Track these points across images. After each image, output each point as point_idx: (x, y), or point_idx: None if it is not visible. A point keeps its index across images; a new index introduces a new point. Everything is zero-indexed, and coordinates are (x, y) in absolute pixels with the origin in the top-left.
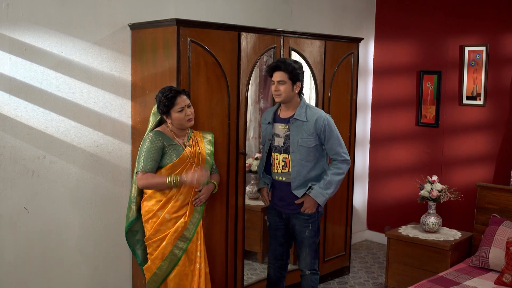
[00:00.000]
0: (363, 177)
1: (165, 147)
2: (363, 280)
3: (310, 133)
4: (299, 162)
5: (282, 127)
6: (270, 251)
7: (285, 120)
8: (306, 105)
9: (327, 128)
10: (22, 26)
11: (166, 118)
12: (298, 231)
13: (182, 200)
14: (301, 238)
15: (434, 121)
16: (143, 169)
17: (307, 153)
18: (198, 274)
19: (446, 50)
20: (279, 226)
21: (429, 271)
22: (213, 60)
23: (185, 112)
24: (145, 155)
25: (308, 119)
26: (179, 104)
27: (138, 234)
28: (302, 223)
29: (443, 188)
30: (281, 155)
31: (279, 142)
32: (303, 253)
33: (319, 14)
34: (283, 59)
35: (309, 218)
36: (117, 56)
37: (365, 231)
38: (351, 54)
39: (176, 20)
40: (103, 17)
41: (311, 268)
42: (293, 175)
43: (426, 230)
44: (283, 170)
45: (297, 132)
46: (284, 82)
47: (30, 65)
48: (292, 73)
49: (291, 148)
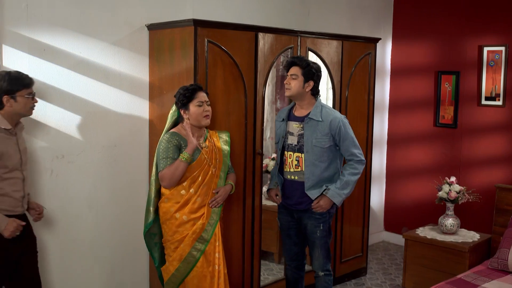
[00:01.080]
0: (380, 177)
1: (182, 147)
2: (380, 282)
3: (324, 134)
4: (313, 162)
5: (296, 126)
6: (285, 251)
7: (300, 119)
8: (322, 106)
9: (342, 130)
10: (41, 26)
11: (184, 112)
12: (309, 231)
13: (200, 202)
14: (312, 239)
15: (452, 122)
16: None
17: (321, 154)
18: (216, 275)
19: (464, 50)
20: (291, 225)
21: (447, 273)
22: (230, 61)
23: (204, 108)
24: (165, 155)
25: (323, 119)
26: (199, 98)
27: (156, 236)
28: (313, 223)
29: (461, 189)
30: (294, 154)
31: (292, 141)
32: (316, 254)
33: (336, 14)
34: (302, 56)
35: (321, 218)
36: (135, 56)
37: (382, 232)
38: (369, 54)
39: (194, 21)
40: (121, 18)
41: (324, 269)
42: (307, 175)
43: (444, 231)
44: (295, 169)
45: (312, 132)
46: (297, 77)
47: (49, 65)
48: (305, 70)
49: (305, 147)
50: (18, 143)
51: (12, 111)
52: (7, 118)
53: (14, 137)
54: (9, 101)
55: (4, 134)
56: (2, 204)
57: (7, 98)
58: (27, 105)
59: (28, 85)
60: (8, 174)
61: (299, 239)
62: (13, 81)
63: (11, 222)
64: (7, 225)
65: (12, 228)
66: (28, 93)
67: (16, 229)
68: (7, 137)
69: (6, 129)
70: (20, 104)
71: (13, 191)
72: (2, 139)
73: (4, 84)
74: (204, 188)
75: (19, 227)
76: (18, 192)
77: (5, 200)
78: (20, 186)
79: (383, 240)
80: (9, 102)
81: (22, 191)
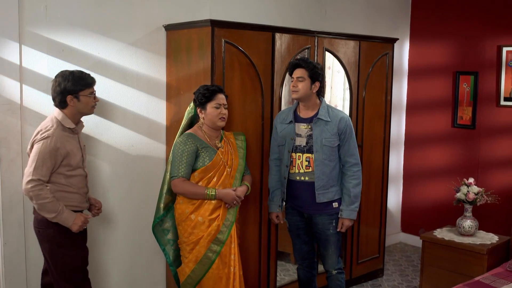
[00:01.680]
0: (398, 179)
1: (198, 149)
2: (397, 283)
3: (333, 133)
4: (323, 161)
5: (304, 127)
6: (296, 251)
7: (307, 120)
8: (327, 106)
9: (348, 130)
10: (60, 27)
11: (200, 112)
12: (321, 229)
13: (215, 203)
14: (325, 236)
15: (470, 123)
16: (180, 175)
17: (330, 153)
18: (232, 277)
19: (483, 50)
20: (300, 225)
21: (465, 275)
22: (247, 61)
23: (221, 110)
24: (179, 159)
25: (331, 119)
26: (217, 100)
27: (169, 233)
28: (325, 221)
29: (479, 191)
30: (304, 155)
31: (300, 142)
32: (329, 251)
33: (354, 14)
34: (306, 58)
35: (333, 215)
36: (152, 56)
37: (399, 233)
38: (386, 55)
39: (211, 21)
40: (138, 18)
41: (337, 267)
42: (317, 174)
43: (462, 233)
44: (306, 170)
45: (320, 132)
46: (303, 79)
47: (67, 65)
48: (312, 71)
49: (314, 147)
50: (79, 141)
51: (75, 110)
52: (70, 117)
53: (76, 136)
54: (73, 100)
55: (68, 133)
56: (71, 201)
57: (70, 98)
58: (89, 104)
59: (90, 85)
60: (72, 171)
61: (309, 238)
62: (77, 80)
63: (79, 217)
64: (75, 220)
65: (80, 222)
66: (90, 92)
67: (84, 223)
68: (71, 136)
69: (70, 128)
70: (83, 103)
71: (79, 188)
72: (67, 138)
73: (68, 84)
74: (219, 189)
75: (86, 221)
76: (83, 188)
77: (74, 197)
78: (84, 183)
79: (400, 241)
80: (73, 102)
81: (86, 187)
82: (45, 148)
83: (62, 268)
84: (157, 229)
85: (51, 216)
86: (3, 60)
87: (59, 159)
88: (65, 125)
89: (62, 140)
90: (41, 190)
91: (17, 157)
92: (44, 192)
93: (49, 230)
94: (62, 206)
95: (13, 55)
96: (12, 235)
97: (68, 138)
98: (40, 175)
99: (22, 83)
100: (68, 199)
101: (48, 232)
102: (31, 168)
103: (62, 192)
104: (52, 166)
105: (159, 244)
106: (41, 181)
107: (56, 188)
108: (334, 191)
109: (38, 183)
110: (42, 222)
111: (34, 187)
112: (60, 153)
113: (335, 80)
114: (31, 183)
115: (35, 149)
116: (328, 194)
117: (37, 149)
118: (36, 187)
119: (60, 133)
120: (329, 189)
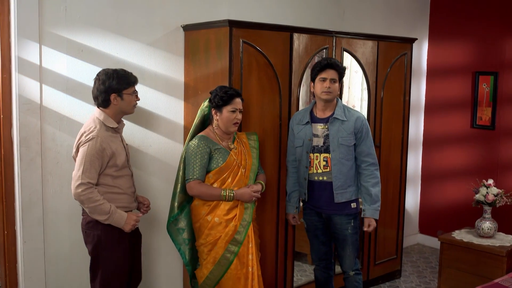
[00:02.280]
0: (416, 179)
1: (211, 151)
2: (414, 285)
3: (349, 132)
4: (340, 160)
5: (321, 127)
6: (313, 252)
7: (324, 120)
8: (343, 106)
9: (364, 129)
10: (79, 28)
11: (216, 113)
12: (340, 230)
13: (231, 203)
14: (343, 236)
15: (490, 123)
16: (195, 177)
17: (347, 152)
18: (250, 277)
19: (503, 50)
20: (318, 225)
21: (484, 277)
22: (265, 61)
23: (236, 115)
24: (193, 162)
25: (347, 119)
26: (234, 105)
27: (184, 232)
28: (344, 221)
29: (499, 192)
30: (322, 155)
31: (318, 142)
32: (346, 252)
33: (372, 14)
34: (333, 59)
35: (351, 215)
36: (170, 57)
37: (417, 234)
38: (404, 55)
39: (229, 21)
40: (156, 19)
41: (354, 268)
42: (334, 173)
43: (481, 235)
44: (324, 170)
45: (337, 131)
46: (336, 81)
47: (86, 65)
48: (342, 74)
49: (331, 147)
50: (122, 140)
51: (118, 109)
52: (112, 117)
53: (118, 135)
54: (116, 99)
55: (111, 133)
56: (120, 201)
57: (114, 96)
58: (132, 103)
59: (133, 83)
60: (119, 172)
61: (326, 238)
62: (121, 79)
63: (130, 216)
64: (126, 220)
65: (132, 221)
66: (133, 91)
67: (136, 222)
68: (114, 135)
69: (113, 127)
70: (126, 102)
71: (127, 188)
72: (111, 138)
73: (113, 83)
74: (236, 190)
75: (138, 220)
76: (130, 188)
77: (122, 198)
78: (131, 182)
79: (418, 242)
80: (116, 100)
81: (133, 187)
82: (91, 150)
83: (103, 271)
84: (171, 228)
85: (103, 218)
86: (24, 61)
87: (106, 159)
88: (108, 124)
89: (107, 141)
90: (92, 193)
91: (37, 156)
92: (94, 195)
93: (96, 232)
94: (113, 207)
95: (33, 56)
96: (32, 233)
97: (112, 138)
98: (89, 178)
99: (42, 83)
100: (117, 200)
101: (95, 234)
102: (79, 171)
103: (110, 194)
104: (99, 167)
105: (175, 244)
106: (90, 184)
107: (105, 190)
108: (351, 191)
109: (88, 186)
110: (90, 224)
111: (85, 191)
112: (106, 154)
113: (353, 80)
114: (81, 187)
115: (81, 152)
116: (346, 194)
117: (83, 152)
118: (86, 190)
119: (104, 134)
120: (346, 189)
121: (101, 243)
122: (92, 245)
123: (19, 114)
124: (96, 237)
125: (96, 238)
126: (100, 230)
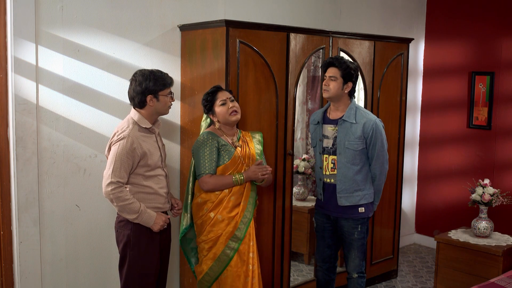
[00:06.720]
0: (412, 179)
1: (219, 146)
2: (411, 284)
3: (357, 136)
4: (345, 164)
5: (331, 129)
6: (317, 253)
7: (334, 122)
8: (356, 107)
9: (374, 134)
10: (76, 27)
11: (212, 116)
12: (346, 233)
13: (234, 200)
14: (350, 240)
15: (486, 123)
16: (206, 172)
17: (353, 156)
18: (251, 275)
19: (499, 51)
20: (326, 227)
21: (480, 276)
22: (262, 61)
23: (228, 105)
24: (202, 156)
25: (357, 121)
26: (220, 98)
27: (192, 241)
28: (351, 225)
29: (495, 192)
30: (330, 157)
31: (328, 144)
32: (352, 255)
33: (369, 14)
34: (340, 57)
35: (359, 220)
36: (167, 57)
37: (414, 234)
38: (401, 55)
39: (226, 21)
40: (153, 19)
41: (358, 270)
42: (339, 177)
43: (477, 234)
44: (331, 172)
45: (345, 134)
46: (335, 79)
47: (83, 65)
48: (345, 71)
49: (338, 149)
50: (157, 140)
51: (153, 110)
52: (147, 117)
53: (153, 135)
54: (152, 100)
55: (144, 133)
56: (152, 202)
57: (151, 97)
58: (167, 104)
59: (169, 84)
60: (151, 172)
61: (333, 241)
62: (158, 80)
63: (159, 216)
64: (155, 219)
65: (162, 221)
66: (169, 92)
67: (164, 223)
68: (148, 135)
69: (147, 128)
70: (161, 103)
71: (159, 188)
72: (144, 138)
73: (150, 84)
74: (237, 187)
75: (167, 220)
76: (163, 188)
77: (154, 198)
78: (164, 183)
79: (414, 242)
80: (152, 101)
81: (166, 188)
82: (122, 149)
83: (128, 270)
84: (183, 240)
85: (132, 217)
86: (20, 60)
87: (136, 159)
88: (142, 125)
89: (138, 141)
90: (121, 192)
91: (33, 156)
92: (124, 194)
93: (126, 231)
94: (142, 207)
95: (29, 55)
96: (28, 234)
97: (145, 138)
98: (118, 177)
99: (38, 83)
100: (148, 201)
101: (125, 233)
102: (110, 170)
103: (142, 194)
104: (130, 167)
105: (184, 253)
106: (120, 183)
107: (136, 190)
108: (360, 195)
109: (117, 185)
110: (122, 223)
111: (114, 190)
112: (137, 153)
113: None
114: (110, 185)
115: (112, 151)
116: (352, 198)
117: (114, 151)
118: (116, 189)
119: (136, 134)
120: (353, 193)
121: (130, 242)
122: (122, 243)
123: (15, 114)
124: (126, 237)
125: (126, 237)
126: (130, 230)
